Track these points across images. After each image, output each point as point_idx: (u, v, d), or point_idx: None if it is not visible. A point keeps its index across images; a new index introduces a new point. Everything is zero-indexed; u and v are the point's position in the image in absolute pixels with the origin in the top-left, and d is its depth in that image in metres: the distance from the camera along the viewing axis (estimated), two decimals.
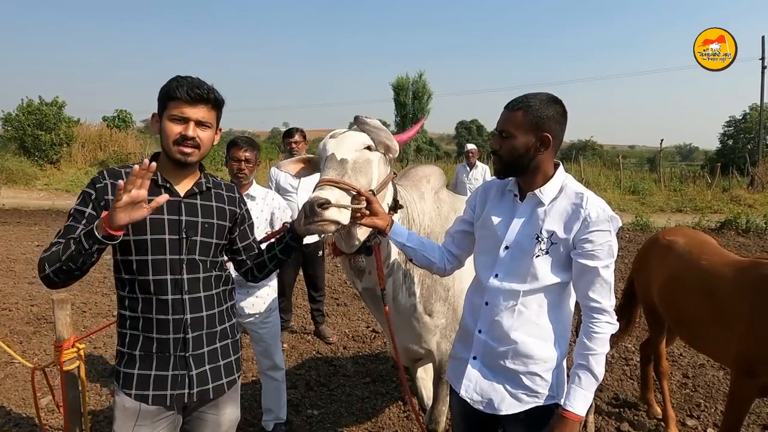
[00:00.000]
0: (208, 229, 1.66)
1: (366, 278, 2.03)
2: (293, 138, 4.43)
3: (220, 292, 1.71)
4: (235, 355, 1.77)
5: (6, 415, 3.33)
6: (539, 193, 1.57)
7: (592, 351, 1.49)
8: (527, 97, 1.56)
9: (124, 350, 1.63)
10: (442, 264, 1.83)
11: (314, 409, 3.45)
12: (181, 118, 1.56)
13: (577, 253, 1.51)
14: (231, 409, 1.78)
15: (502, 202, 1.68)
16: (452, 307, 2.22)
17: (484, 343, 1.63)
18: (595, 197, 1.55)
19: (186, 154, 1.57)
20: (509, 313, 1.58)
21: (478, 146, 8.25)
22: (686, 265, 2.81)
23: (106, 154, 20.72)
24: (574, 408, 1.47)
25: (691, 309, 2.72)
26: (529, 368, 1.57)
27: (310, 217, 1.57)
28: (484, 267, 1.66)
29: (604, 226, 1.49)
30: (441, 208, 2.29)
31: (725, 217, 10.89)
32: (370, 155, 1.83)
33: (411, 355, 2.37)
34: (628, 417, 3.33)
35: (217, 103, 1.62)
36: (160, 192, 1.59)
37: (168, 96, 1.56)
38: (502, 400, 1.60)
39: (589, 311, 1.53)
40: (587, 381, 1.49)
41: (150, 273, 1.57)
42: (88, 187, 1.58)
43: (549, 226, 1.53)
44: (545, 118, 1.53)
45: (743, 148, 24.20)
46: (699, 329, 2.71)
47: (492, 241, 1.64)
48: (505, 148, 1.57)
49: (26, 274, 6.79)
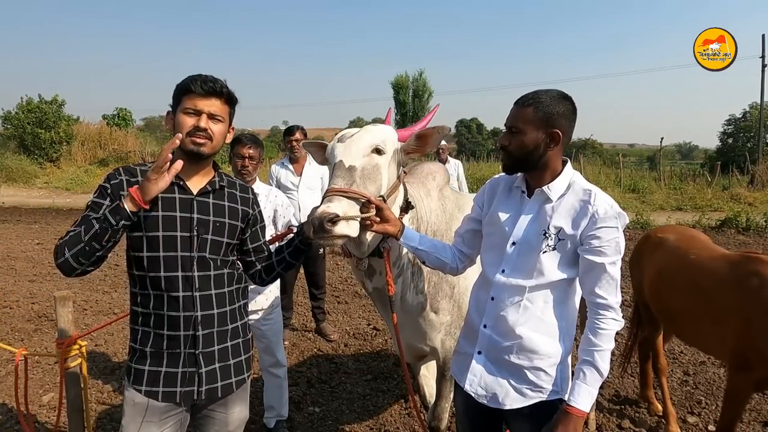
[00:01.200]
0: (219, 227, 1.67)
1: (376, 278, 2.03)
2: (294, 136, 4.43)
3: (233, 290, 1.72)
4: (246, 354, 1.78)
5: (8, 412, 3.33)
6: (547, 190, 1.57)
7: (597, 347, 1.49)
8: (538, 93, 1.56)
9: (136, 346, 1.65)
10: (455, 264, 1.84)
11: (316, 407, 3.45)
12: (195, 111, 1.59)
13: (584, 249, 1.52)
14: (239, 408, 1.79)
15: (509, 198, 1.69)
16: (457, 304, 2.23)
17: (489, 338, 1.64)
18: (603, 194, 1.55)
19: (198, 144, 1.60)
20: (515, 309, 1.58)
21: (477, 144, 8.31)
22: (674, 261, 2.81)
23: (106, 153, 20.71)
24: (578, 404, 1.48)
25: (681, 304, 2.72)
26: (534, 363, 1.58)
27: (319, 232, 1.57)
28: (491, 263, 1.67)
29: (612, 223, 1.50)
30: (446, 205, 2.29)
31: (725, 216, 10.91)
32: (379, 159, 1.80)
33: (415, 353, 2.37)
34: (629, 414, 3.34)
35: (230, 99, 1.65)
36: (174, 189, 1.61)
37: (182, 91, 1.61)
38: (506, 394, 1.61)
39: (594, 307, 1.53)
40: (592, 377, 1.49)
41: (161, 269, 1.59)
42: (104, 181, 1.61)
43: (557, 222, 1.54)
44: (555, 115, 1.53)
45: (743, 146, 24.18)
46: (690, 324, 2.71)
47: (499, 237, 1.65)
48: (514, 144, 1.57)
49: (27, 272, 6.80)
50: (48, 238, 9.21)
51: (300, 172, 4.50)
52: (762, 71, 19.72)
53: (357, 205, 1.67)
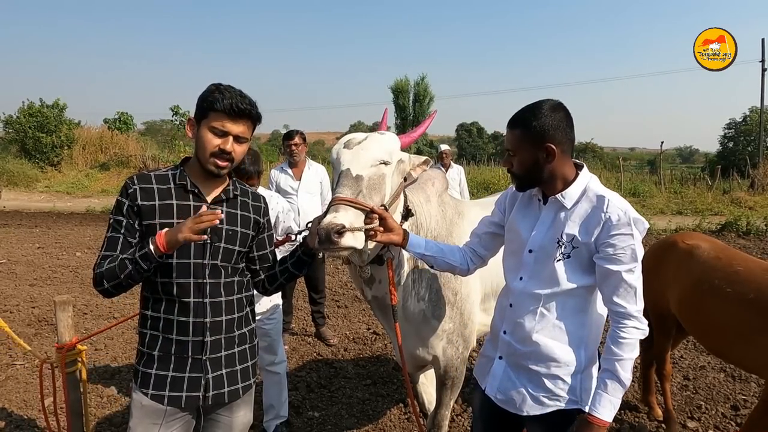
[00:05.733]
0: (231, 236, 1.68)
1: (376, 287, 2.03)
2: (293, 140, 4.44)
3: (242, 298, 1.74)
4: (252, 360, 1.79)
5: (8, 416, 3.33)
6: (561, 197, 1.57)
7: (618, 356, 1.47)
8: (524, 111, 1.57)
9: (144, 350, 1.66)
10: (465, 265, 1.85)
11: (315, 411, 3.45)
12: (222, 132, 1.57)
13: (600, 257, 1.51)
14: (244, 412, 1.80)
15: (529, 206, 1.69)
16: (459, 311, 2.22)
17: (508, 344, 1.65)
18: (618, 199, 1.53)
19: (220, 167, 1.60)
20: (531, 316, 1.59)
21: (478, 148, 8.30)
22: (718, 272, 2.66)
23: (107, 157, 20.72)
24: (600, 413, 1.47)
25: (727, 318, 2.56)
26: (551, 371, 1.58)
27: (325, 243, 1.57)
28: (511, 269, 1.69)
29: (626, 230, 1.47)
30: (446, 211, 2.29)
31: (726, 220, 10.90)
32: (385, 170, 1.81)
33: (417, 362, 2.37)
34: (629, 419, 3.33)
35: (257, 119, 1.64)
36: (188, 197, 1.63)
37: (211, 106, 1.56)
38: (523, 401, 1.62)
39: (615, 316, 1.51)
40: (613, 387, 1.47)
41: (173, 276, 1.60)
42: (120, 195, 1.61)
43: (570, 230, 1.53)
44: (546, 129, 1.52)
45: (743, 150, 24.15)
46: (732, 338, 2.57)
47: (517, 244, 1.66)
48: (516, 166, 1.59)
49: (27, 276, 6.80)
50: (48, 242, 9.22)
51: (299, 176, 4.51)
52: (762, 75, 19.75)
53: (362, 216, 1.67)
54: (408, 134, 2.00)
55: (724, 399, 3.60)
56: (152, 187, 1.61)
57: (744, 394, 3.65)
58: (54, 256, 8.19)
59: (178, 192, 1.63)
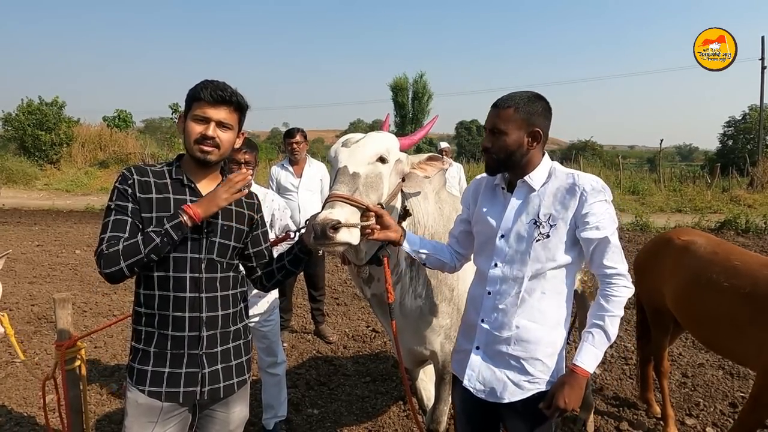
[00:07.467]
0: (227, 231, 1.69)
1: (375, 285, 2.04)
2: (294, 138, 4.44)
3: (236, 293, 1.75)
4: (246, 356, 1.80)
5: (7, 413, 3.34)
6: (529, 179, 1.62)
7: (609, 312, 1.53)
8: (513, 95, 1.62)
9: (139, 347, 1.65)
10: (453, 262, 1.89)
11: (314, 408, 3.46)
12: (203, 119, 1.61)
13: (583, 229, 1.56)
14: (240, 408, 1.81)
15: (493, 196, 1.74)
16: (456, 307, 2.23)
17: (487, 332, 1.67)
18: (585, 173, 1.61)
19: (205, 152, 1.62)
20: (512, 300, 1.62)
21: (477, 146, 8.29)
22: (715, 267, 2.69)
23: (106, 154, 20.72)
24: (584, 364, 1.52)
25: (721, 309, 2.60)
26: (531, 354, 1.61)
27: (321, 239, 1.58)
28: (483, 259, 1.71)
29: (601, 197, 1.56)
30: (443, 208, 2.29)
31: (725, 218, 10.89)
32: (383, 168, 1.81)
33: (415, 358, 2.38)
34: (627, 416, 3.34)
35: (239, 107, 1.67)
36: (185, 191, 1.65)
37: (193, 97, 1.62)
38: (504, 388, 1.64)
39: (606, 278, 1.56)
40: (600, 339, 1.53)
41: (170, 270, 1.61)
42: (120, 183, 1.61)
43: (546, 209, 1.59)
44: (534, 114, 1.59)
45: (743, 148, 24.17)
46: (726, 329, 2.60)
47: (487, 233, 1.69)
48: (497, 146, 1.61)
49: (26, 274, 6.81)
50: (48, 240, 9.22)
51: (300, 173, 4.52)
52: (761, 73, 19.76)
53: (359, 213, 1.68)
54: (409, 137, 2.01)
55: (723, 396, 3.61)
56: (150, 180, 1.63)
57: (742, 391, 3.65)
58: (53, 253, 8.19)
59: (174, 186, 1.65)
